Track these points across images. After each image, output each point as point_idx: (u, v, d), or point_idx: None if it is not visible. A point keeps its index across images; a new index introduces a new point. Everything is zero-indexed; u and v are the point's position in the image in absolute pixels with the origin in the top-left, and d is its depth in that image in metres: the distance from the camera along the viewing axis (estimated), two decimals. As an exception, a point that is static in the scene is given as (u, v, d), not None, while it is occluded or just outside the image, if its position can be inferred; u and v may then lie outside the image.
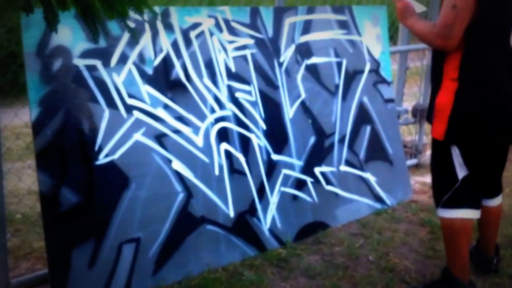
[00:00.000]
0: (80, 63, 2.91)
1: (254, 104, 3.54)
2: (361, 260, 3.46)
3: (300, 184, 3.77)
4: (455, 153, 2.85)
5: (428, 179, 4.65)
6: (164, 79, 3.19)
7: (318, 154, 3.87)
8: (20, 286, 3.02)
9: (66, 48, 2.87)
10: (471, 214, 2.91)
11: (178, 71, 3.24)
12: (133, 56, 3.08)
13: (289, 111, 3.71)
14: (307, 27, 3.85)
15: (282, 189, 3.66)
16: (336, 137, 3.98)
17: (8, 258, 3.19)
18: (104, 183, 2.98)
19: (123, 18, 1.87)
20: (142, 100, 3.10)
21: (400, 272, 3.33)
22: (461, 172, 2.86)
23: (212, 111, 3.36)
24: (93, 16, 1.80)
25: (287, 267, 3.36)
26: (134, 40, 2.06)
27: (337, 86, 3.98)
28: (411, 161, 5.10)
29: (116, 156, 3.00)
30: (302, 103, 3.79)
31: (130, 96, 3.06)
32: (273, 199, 3.61)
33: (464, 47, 2.73)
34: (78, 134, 2.91)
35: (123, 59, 3.05)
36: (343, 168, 3.99)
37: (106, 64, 2.99)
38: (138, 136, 3.07)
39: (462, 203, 2.90)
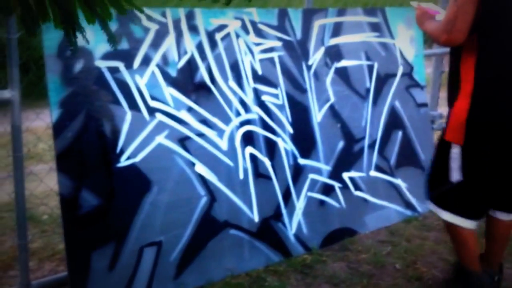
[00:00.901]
0: (102, 64, 2.77)
1: (281, 107, 3.35)
2: (388, 268, 3.23)
3: (327, 190, 3.56)
4: (455, 155, 2.65)
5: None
6: (188, 82, 3.04)
7: (347, 159, 3.66)
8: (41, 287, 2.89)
9: (88, 50, 2.74)
10: (461, 221, 2.71)
11: (203, 73, 3.07)
12: (157, 58, 2.93)
13: (317, 115, 3.50)
14: (337, 30, 3.63)
15: (309, 194, 3.46)
16: (366, 142, 3.75)
17: (32, 260, 3.11)
18: (125, 186, 2.84)
19: (105, 21, 1.67)
20: (165, 103, 2.95)
21: (427, 281, 3.09)
22: (455, 175, 2.67)
23: (238, 114, 3.18)
24: (73, 23, 1.60)
25: (311, 273, 3.16)
26: (112, 45, 1.83)
27: (368, 90, 3.75)
28: (445, 167, 4.77)
29: (137, 159, 2.86)
30: (331, 107, 3.58)
31: (153, 98, 2.91)
32: (299, 204, 3.41)
33: (478, 47, 2.54)
34: (99, 136, 2.78)
35: (146, 61, 2.90)
36: (373, 173, 3.76)
37: (128, 66, 2.85)
38: (160, 139, 2.92)
39: (454, 208, 2.73)
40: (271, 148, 3.31)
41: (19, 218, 2.78)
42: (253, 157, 3.24)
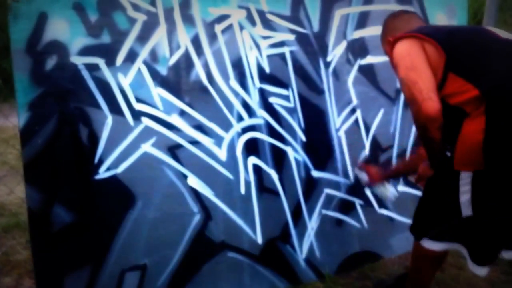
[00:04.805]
0: (79, 61, 2.62)
1: (292, 111, 3.14)
2: (413, 302, 2.96)
3: (346, 207, 3.37)
4: (465, 186, 2.39)
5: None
6: (181, 81, 2.87)
7: (371, 171, 3.39)
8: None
9: (62, 44, 2.60)
10: (472, 267, 2.59)
11: (199, 71, 2.89)
12: (144, 53, 2.76)
13: (336, 120, 3.28)
14: (362, 20, 3.39)
15: (324, 212, 3.28)
16: (395, 151, 3.51)
17: (11, 274, 3.04)
18: (105, 200, 2.72)
19: None
20: (153, 106, 2.79)
21: (458, 322, 2.83)
22: (465, 210, 2.44)
23: (240, 119, 2.99)
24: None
25: (321, 306, 2.94)
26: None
27: (398, 91, 3.49)
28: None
29: (119, 170, 2.72)
30: (353, 111, 3.34)
31: (139, 100, 2.76)
32: (312, 224, 3.23)
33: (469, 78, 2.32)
34: (74, 144, 2.64)
35: (131, 57, 2.74)
36: (402, 188, 3.51)
37: (110, 62, 2.70)
38: (147, 147, 2.77)
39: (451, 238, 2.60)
40: (279, 159, 3.13)
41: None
42: (257, 169, 3.07)
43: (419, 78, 2.32)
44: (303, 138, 3.20)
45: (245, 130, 3.03)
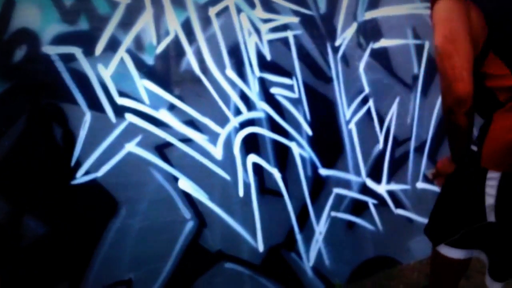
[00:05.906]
0: (52, 51, 2.40)
1: (296, 102, 2.91)
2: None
3: (358, 208, 3.19)
4: (491, 187, 2.14)
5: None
6: (170, 72, 2.64)
7: (386, 167, 3.23)
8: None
9: (33, 32, 2.38)
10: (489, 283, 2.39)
11: (190, 60, 2.66)
12: (127, 41, 2.53)
13: (346, 111, 3.04)
14: (375, 0, 3.08)
15: (333, 214, 3.11)
16: (412, 144, 3.33)
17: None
18: (83, 208, 2.54)
19: None
20: (139, 100, 2.58)
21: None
22: (490, 214, 2.21)
23: (237, 112, 2.78)
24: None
25: (332, 321, 2.71)
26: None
27: (415, 78, 3.24)
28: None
29: (100, 173, 2.55)
30: (365, 101, 3.09)
31: (122, 94, 2.55)
32: (320, 228, 3.07)
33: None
34: (47, 145, 2.43)
35: (113, 45, 2.52)
36: (421, 185, 3.29)
37: (88, 52, 2.47)
38: (131, 147, 2.57)
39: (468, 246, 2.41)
40: (283, 156, 2.93)
41: None
42: (257, 168, 2.87)
43: (455, 53, 2.03)
44: (309, 133, 2.99)
45: (244, 125, 2.82)
